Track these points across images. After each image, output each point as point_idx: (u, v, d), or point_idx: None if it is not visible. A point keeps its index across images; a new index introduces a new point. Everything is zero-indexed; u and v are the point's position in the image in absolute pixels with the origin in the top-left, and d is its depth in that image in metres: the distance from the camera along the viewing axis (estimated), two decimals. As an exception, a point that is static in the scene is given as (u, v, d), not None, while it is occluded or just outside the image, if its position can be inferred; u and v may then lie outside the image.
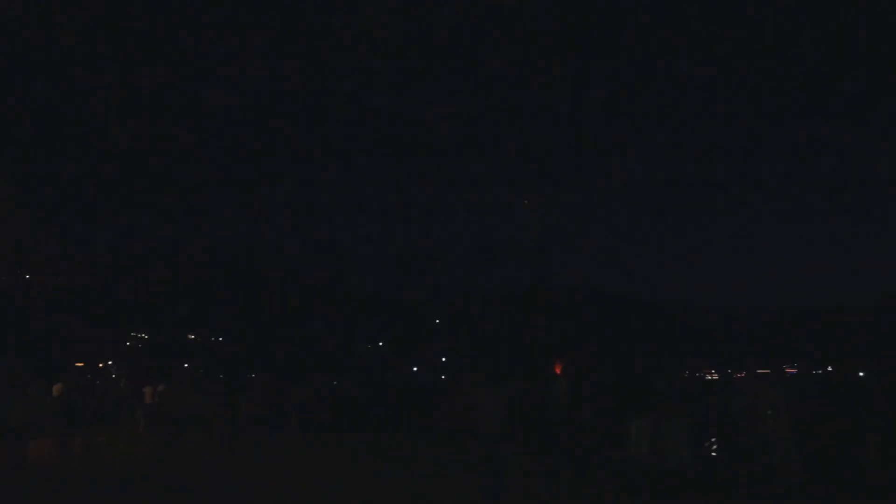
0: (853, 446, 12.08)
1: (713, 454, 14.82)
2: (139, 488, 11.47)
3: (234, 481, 12.22)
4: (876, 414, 11.43)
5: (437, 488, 11.15)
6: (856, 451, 11.79)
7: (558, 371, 18.41)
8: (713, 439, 15.30)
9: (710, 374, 77.70)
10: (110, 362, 64.92)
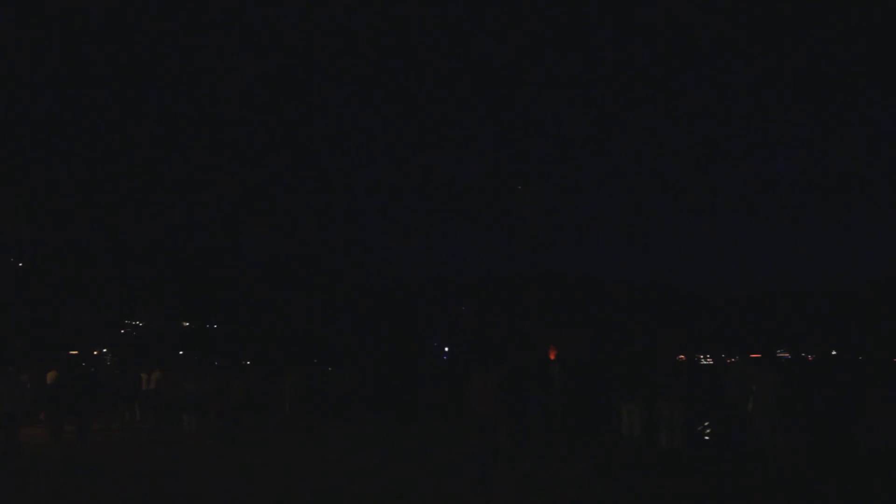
0: (844, 430, 12.15)
1: (706, 437, 14.91)
2: (133, 475, 11.47)
3: (228, 468, 12.24)
4: (866, 399, 11.48)
5: (429, 472, 11.18)
6: (846, 434, 11.86)
7: (553, 356, 18.46)
8: (706, 423, 15.39)
9: (705, 358, 78.02)
10: (105, 350, 64.81)
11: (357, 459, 12.86)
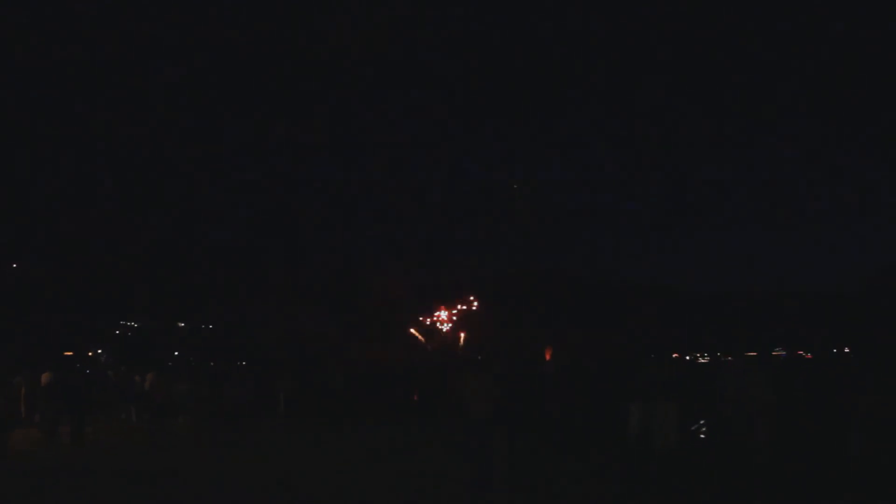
0: (838, 429, 12.15)
1: (702, 437, 14.88)
2: (127, 477, 11.42)
3: (223, 469, 12.19)
4: (861, 398, 11.48)
5: (425, 473, 11.15)
6: (840, 434, 11.87)
7: (548, 357, 18.46)
8: (702, 422, 15.36)
9: (702, 356, 78.20)
10: (100, 350, 64.55)
11: (352, 459, 12.83)
